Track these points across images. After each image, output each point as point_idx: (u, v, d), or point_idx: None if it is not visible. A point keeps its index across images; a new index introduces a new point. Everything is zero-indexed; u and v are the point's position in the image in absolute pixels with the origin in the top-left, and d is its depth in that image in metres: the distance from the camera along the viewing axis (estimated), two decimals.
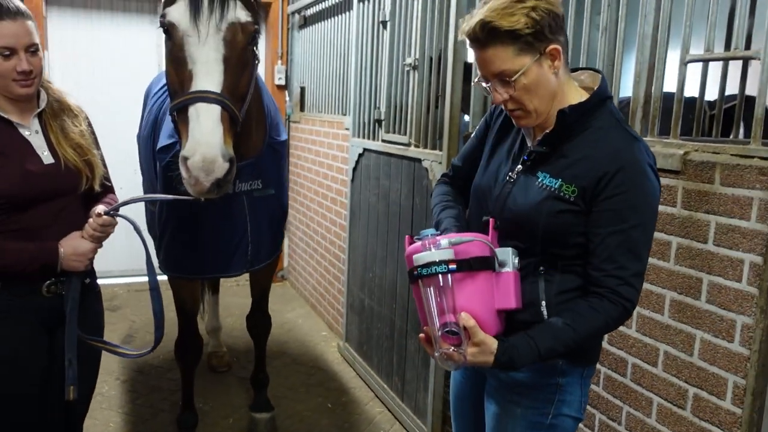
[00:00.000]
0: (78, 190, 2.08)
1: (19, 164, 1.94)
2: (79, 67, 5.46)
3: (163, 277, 2.48)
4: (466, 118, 3.20)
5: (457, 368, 1.57)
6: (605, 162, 1.52)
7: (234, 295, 5.57)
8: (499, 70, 1.53)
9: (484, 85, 1.60)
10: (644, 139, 2.08)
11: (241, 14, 2.09)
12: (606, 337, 2.21)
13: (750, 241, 1.76)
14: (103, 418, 3.54)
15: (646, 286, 2.05)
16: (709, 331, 1.88)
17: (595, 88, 1.61)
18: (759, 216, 1.75)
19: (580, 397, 1.69)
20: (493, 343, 1.51)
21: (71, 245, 1.99)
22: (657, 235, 2.01)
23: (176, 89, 2.10)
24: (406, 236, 1.67)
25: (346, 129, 4.47)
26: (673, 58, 2.06)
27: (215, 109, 1.97)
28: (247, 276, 3.20)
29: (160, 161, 2.74)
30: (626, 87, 2.33)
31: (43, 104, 2.05)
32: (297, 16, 5.76)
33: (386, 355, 3.82)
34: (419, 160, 3.31)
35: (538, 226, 1.59)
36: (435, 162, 3.14)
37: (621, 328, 2.15)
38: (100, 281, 2.31)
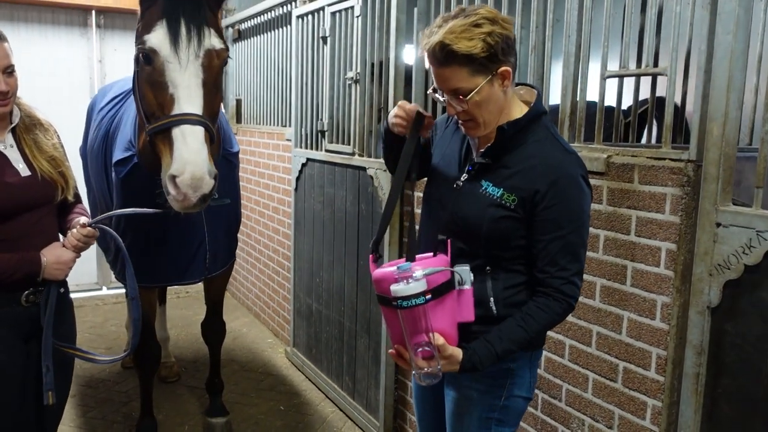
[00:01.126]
0: (54, 201, 2.16)
1: None
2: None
3: (113, 291, 2.54)
4: None
5: (434, 381, 1.68)
6: (541, 175, 1.69)
7: (176, 307, 5.58)
8: (454, 87, 1.69)
9: (439, 97, 1.76)
10: (572, 144, 2.35)
11: (215, 41, 2.22)
12: None
13: (665, 231, 2.05)
14: None
15: None
16: (635, 311, 2.15)
17: (532, 104, 1.80)
18: (672, 209, 2.03)
19: (529, 379, 1.87)
20: (459, 354, 1.68)
21: (54, 254, 2.07)
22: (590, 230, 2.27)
23: (154, 112, 2.19)
24: (370, 255, 1.82)
25: (288, 140, 4.60)
26: (594, 71, 2.34)
27: (199, 131, 2.10)
28: (188, 289, 3.28)
29: (118, 173, 2.81)
30: (554, 97, 2.60)
31: (16, 119, 2.12)
32: (231, 30, 5.85)
33: (336, 356, 3.98)
34: (364, 169, 3.50)
35: (482, 230, 1.75)
36: (380, 170, 3.33)
37: None
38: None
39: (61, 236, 2.27)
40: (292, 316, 4.61)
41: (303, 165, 4.26)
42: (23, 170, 2.09)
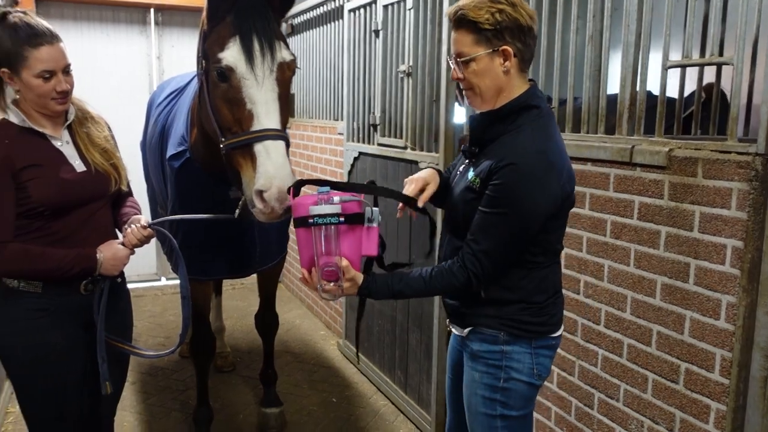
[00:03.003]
0: (108, 194, 2.22)
1: (55, 174, 2.07)
2: None
3: (171, 282, 2.61)
4: (460, 120, 3.38)
5: (335, 299, 1.92)
6: (500, 157, 1.77)
7: (231, 298, 5.69)
8: (458, 51, 1.83)
9: (450, 61, 1.89)
10: (631, 137, 2.28)
11: (286, 54, 2.25)
12: (602, 320, 2.40)
13: (731, 228, 1.96)
14: (118, 418, 3.63)
15: (639, 272, 2.24)
16: (698, 310, 2.07)
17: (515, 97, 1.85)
18: (738, 205, 1.94)
19: (532, 365, 1.91)
20: (360, 278, 1.87)
21: (110, 251, 2.13)
22: (647, 225, 2.20)
23: (230, 127, 2.22)
24: (290, 188, 1.99)
25: (340, 134, 4.62)
26: (655, 61, 2.26)
27: (281, 145, 2.14)
28: (243, 280, 3.34)
29: (172, 167, 2.87)
30: (613, 88, 2.52)
31: (71, 117, 2.17)
32: (284, 25, 5.90)
33: (388, 350, 3.99)
34: (416, 162, 3.48)
35: (459, 212, 1.91)
36: (432, 164, 3.30)
37: (616, 312, 2.34)
38: None
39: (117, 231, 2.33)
40: (344, 309, 4.64)
41: (355, 159, 4.27)
42: (79, 166, 2.15)
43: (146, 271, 6.21)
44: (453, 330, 2.08)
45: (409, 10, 3.51)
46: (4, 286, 2.11)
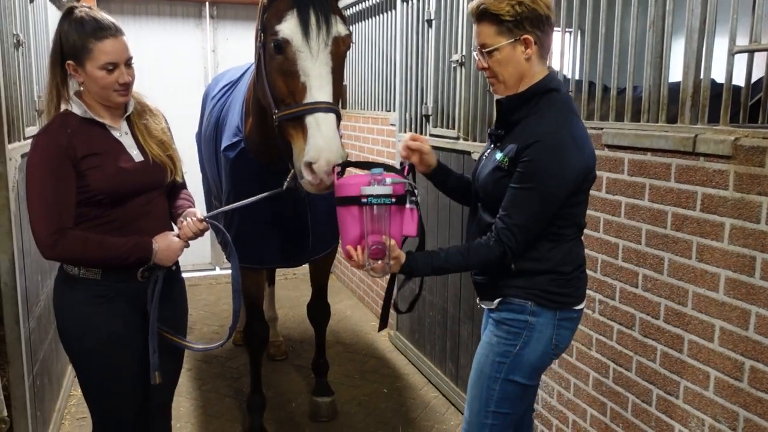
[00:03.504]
0: (164, 184, 2.26)
1: (114, 163, 2.12)
2: None
3: (225, 272, 2.66)
4: None
5: (381, 276, 2.01)
6: (527, 137, 1.90)
7: (284, 288, 5.77)
8: (482, 43, 1.97)
9: (474, 53, 2.03)
10: (694, 126, 2.20)
11: (341, 28, 2.27)
12: (662, 315, 2.33)
13: None
14: (173, 403, 3.73)
15: (701, 266, 2.16)
16: (764, 306, 1.98)
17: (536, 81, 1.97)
18: None
19: (552, 336, 2.04)
20: (403, 257, 1.96)
21: (165, 242, 2.17)
22: (710, 217, 2.12)
23: (284, 99, 2.25)
24: (334, 167, 2.08)
25: (392, 125, 4.61)
26: (720, 47, 2.16)
27: (332, 118, 2.16)
28: (295, 271, 3.36)
29: (227, 158, 2.92)
30: (675, 75, 2.43)
31: (130, 108, 2.22)
32: None
33: (439, 341, 3.97)
34: (468, 153, 3.44)
35: (489, 191, 2.03)
36: None
37: (676, 306, 2.26)
38: None
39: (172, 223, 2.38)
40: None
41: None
42: (137, 156, 2.19)
43: (201, 261, 6.34)
44: (483, 306, 2.18)
45: (469, 1, 3.47)
46: (65, 273, 2.19)
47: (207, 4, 6.08)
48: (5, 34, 2.71)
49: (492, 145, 2.10)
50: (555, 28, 2.93)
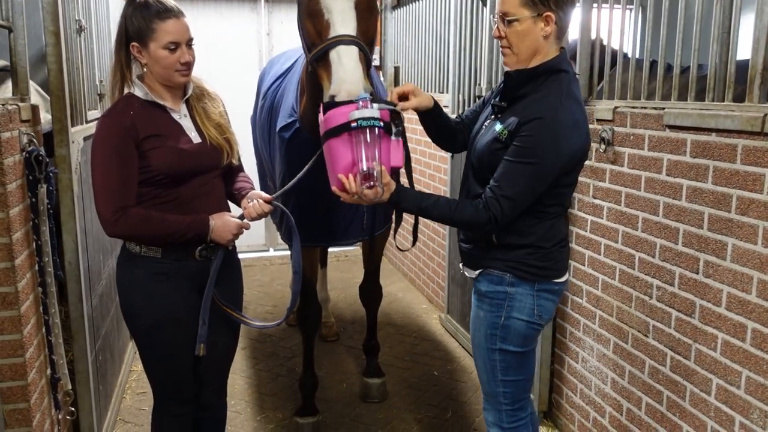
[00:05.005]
0: (221, 165, 2.32)
1: (174, 144, 2.19)
2: None
3: (279, 253, 2.71)
4: None
5: (372, 203, 2.03)
6: (529, 112, 1.95)
7: (336, 270, 5.81)
8: (504, 11, 2.00)
9: (494, 19, 2.06)
10: (764, 105, 2.10)
11: None
12: (723, 301, 2.24)
13: None
14: (228, 381, 3.84)
15: (767, 251, 2.07)
16: None
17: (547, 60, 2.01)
18: None
19: (533, 306, 2.15)
20: (394, 185, 2.04)
21: (221, 220, 2.23)
22: None
23: (314, 40, 2.28)
24: (320, 104, 2.11)
25: (445, 106, 4.55)
26: None
27: (354, 50, 2.16)
28: (347, 252, 3.37)
29: (282, 139, 2.94)
30: (743, 53, 2.31)
31: (189, 91, 2.29)
32: None
33: None
34: None
35: (484, 160, 2.08)
36: None
37: (739, 293, 2.17)
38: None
39: (230, 203, 2.43)
40: (447, 283, 4.62)
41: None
42: (195, 138, 2.26)
43: (255, 242, 6.45)
44: (465, 273, 2.29)
45: None
46: (127, 252, 2.27)
47: None
48: (68, 20, 2.78)
49: (492, 116, 2.15)
50: (615, 6, 2.85)
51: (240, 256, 2.56)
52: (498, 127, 2.04)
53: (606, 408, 2.92)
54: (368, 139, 1.95)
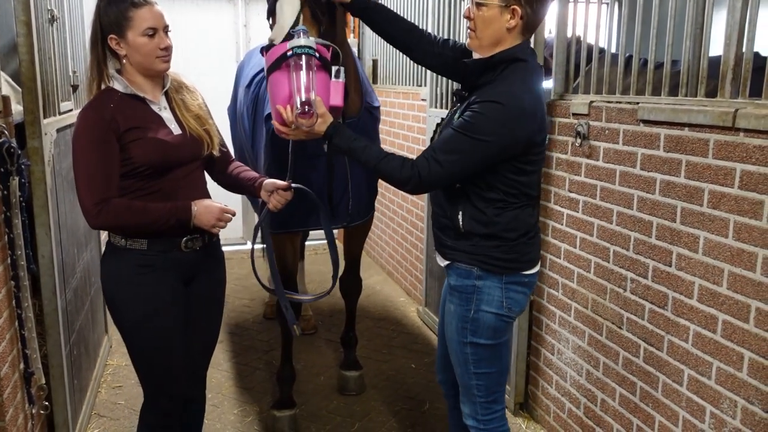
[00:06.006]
0: (201, 156, 2.34)
1: (155, 136, 2.20)
2: None
3: (257, 246, 2.72)
4: (547, 84, 3.25)
5: (306, 135, 2.12)
6: (487, 95, 2.02)
7: (314, 263, 5.80)
8: None
9: (467, 2, 2.19)
10: (735, 100, 2.13)
11: None
12: (695, 294, 2.28)
13: None
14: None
15: (738, 245, 2.11)
16: None
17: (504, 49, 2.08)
18: None
19: (501, 299, 2.19)
20: (330, 119, 2.11)
21: (202, 204, 2.23)
22: (749, 194, 2.05)
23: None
24: (263, 49, 2.23)
25: (423, 100, 4.57)
26: (764, 18, 2.08)
27: (294, 1, 2.24)
28: (325, 245, 3.36)
29: (268, 128, 2.92)
30: (716, 48, 2.35)
31: (168, 84, 2.30)
32: None
33: None
34: None
35: None
36: None
37: (711, 286, 2.21)
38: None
39: (221, 190, 2.52)
40: (425, 276, 4.64)
41: (438, 125, 4.20)
42: (175, 129, 2.26)
43: (232, 235, 6.40)
44: (437, 258, 2.35)
45: None
46: (112, 245, 2.27)
47: None
48: (40, 9, 2.73)
49: (456, 105, 2.22)
50: (591, 1, 2.88)
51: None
52: (457, 115, 2.12)
53: (581, 399, 2.97)
54: (303, 66, 2.04)
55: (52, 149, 2.76)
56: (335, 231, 3.27)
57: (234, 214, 2.30)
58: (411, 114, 4.90)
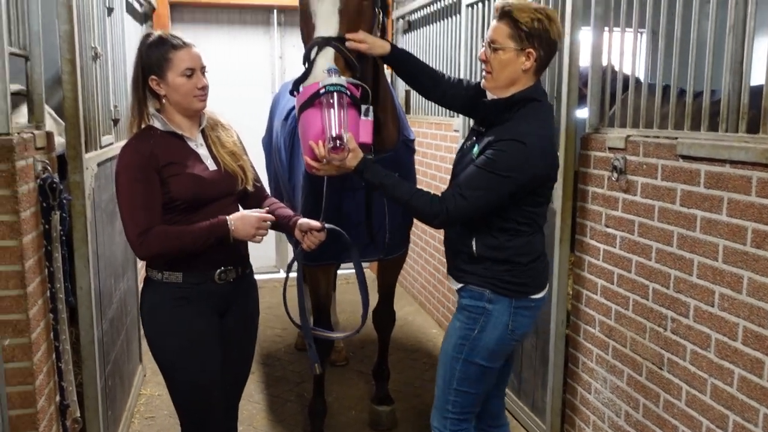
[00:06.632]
0: (236, 191, 2.41)
1: (192, 171, 2.28)
2: None
3: (291, 274, 2.73)
4: (582, 114, 3.22)
5: (338, 170, 2.19)
6: (505, 133, 2.13)
7: (345, 293, 5.79)
8: (493, 38, 2.19)
9: (483, 44, 2.26)
10: None
11: None
12: (740, 336, 2.20)
13: None
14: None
15: None
16: None
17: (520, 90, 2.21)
18: None
19: (508, 321, 2.28)
20: (361, 153, 2.18)
21: (239, 217, 2.28)
22: None
23: (304, 41, 2.46)
24: (292, 91, 2.35)
25: (455, 131, 4.57)
26: None
27: (327, 51, 2.29)
28: (355, 276, 3.33)
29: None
30: (757, 78, 2.29)
31: (204, 122, 2.39)
32: (401, 21, 5.92)
33: None
34: None
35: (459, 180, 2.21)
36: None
37: (755, 328, 2.14)
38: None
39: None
40: None
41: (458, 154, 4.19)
42: (211, 165, 2.34)
43: (265, 264, 6.45)
44: (449, 282, 2.45)
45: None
46: (149, 279, 2.34)
47: (275, 11, 6.17)
48: (84, 47, 2.82)
49: (472, 140, 2.34)
50: (627, 29, 2.85)
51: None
52: (475, 150, 2.23)
53: None
54: (334, 103, 2.11)
55: (92, 183, 2.82)
56: (370, 263, 3.28)
57: (273, 220, 2.33)
58: (443, 145, 4.90)
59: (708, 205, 2.32)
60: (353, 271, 2.78)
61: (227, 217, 2.26)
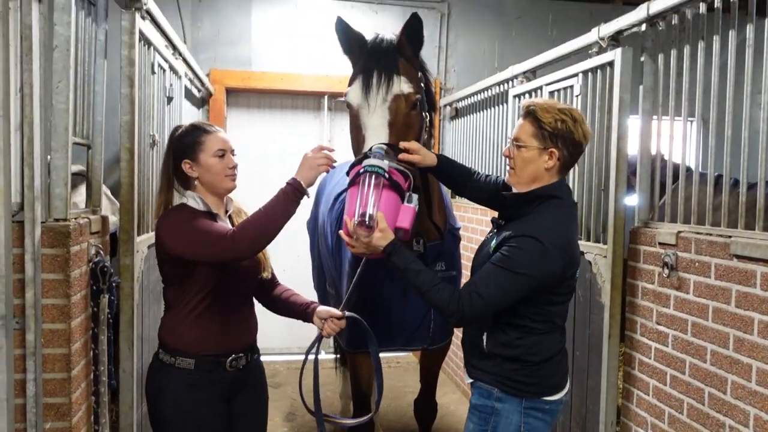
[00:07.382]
0: (257, 275, 2.46)
1: None
2: (253, 158, 5.87)
3: (327, 356, 2.70)
4: (630, 201, 3.17)
5: (366, 248, 2.17)
6: (523, 229, 2.12)
7: (387, 378, 5.59)
8: (517, 136, 2.22)
9: (508, 140, 2.31)
10: None
11: (404, 87, 2.48)
12: None
13: None
14: None
15: None
16: None
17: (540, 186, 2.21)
18: None
19: (519, 424, 2.19)
20: (391, 236, 2.16)
21: (300, 168, 2.32)
22: None
23: (357, 151, 2.52)
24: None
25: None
26: None
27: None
28: (399, 359, 3.28)
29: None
30: None
31: (231, 208, 2.47)
32: (449, 108, 6.04)
33: None
34: (582, 253, 3.30)
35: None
36: (599, 255, 3.12)
37: None
38: (261, 358, 2.60)
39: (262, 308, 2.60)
40: None
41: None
42: None
43: (278, 345, 6.32)
44: (465, 375, 2.40)
45: (576, 96, 3.43)
46: (160, 361, 2.34)
47: (326, 97, 6.39)
48: (143, 135, 2.95)
49: (493, 231, 2.37)
50: (676, 118, 2.84)
51: (268, 359, 2.60)
52: (493, 243, 2.23)
53: None
54: (370, 183, 2.17)
55: (142, 265, 2.89)
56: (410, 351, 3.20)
57: (329, 149, 2.34)
58: (488, 230, 4.87)
59: (765, 308, 2.22)
60: (395, 354, 2.74)
61: (292, 178, 2.28)
